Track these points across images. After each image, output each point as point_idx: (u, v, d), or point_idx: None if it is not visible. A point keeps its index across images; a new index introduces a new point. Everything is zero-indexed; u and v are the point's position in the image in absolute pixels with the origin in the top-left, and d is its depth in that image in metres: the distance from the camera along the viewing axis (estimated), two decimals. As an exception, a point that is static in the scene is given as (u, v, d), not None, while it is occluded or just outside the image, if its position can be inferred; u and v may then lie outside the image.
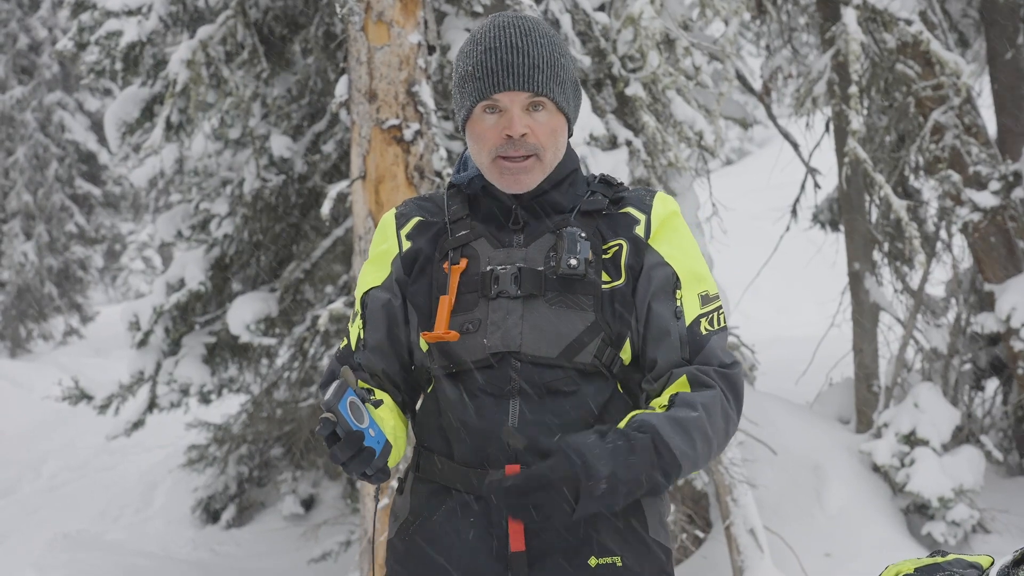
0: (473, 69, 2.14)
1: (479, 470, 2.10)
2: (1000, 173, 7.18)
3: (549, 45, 2.15)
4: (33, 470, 10.70)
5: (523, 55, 2.12)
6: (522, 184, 2.16)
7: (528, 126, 2.12)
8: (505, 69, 2.11)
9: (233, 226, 7.52)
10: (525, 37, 2.13)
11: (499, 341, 2.09)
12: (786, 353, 10.04)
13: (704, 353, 2.12)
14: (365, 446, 1.95)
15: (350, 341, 2.28)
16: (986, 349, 7.94)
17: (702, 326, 2.14)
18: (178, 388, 7.40)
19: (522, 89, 2.11)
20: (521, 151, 2.13)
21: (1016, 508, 7.29)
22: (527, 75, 2.11)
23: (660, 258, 2.16)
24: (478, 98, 2.14)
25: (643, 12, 5.55)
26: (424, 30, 5.10)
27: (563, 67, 2.16)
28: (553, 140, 2.16)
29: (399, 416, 2.20)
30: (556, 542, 2.07)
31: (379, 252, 2.29)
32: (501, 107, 2.13)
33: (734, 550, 5.88)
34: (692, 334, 2.13)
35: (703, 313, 2.15)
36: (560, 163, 2.21)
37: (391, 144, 5.01)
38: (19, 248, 18.96)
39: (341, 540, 7.60)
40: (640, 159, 5.77)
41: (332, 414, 1.91)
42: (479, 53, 2.14)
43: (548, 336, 2.09)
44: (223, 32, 6.36)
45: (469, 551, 2.10)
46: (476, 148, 2.18)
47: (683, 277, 2.15)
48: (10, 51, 19.12)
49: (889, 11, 6.47)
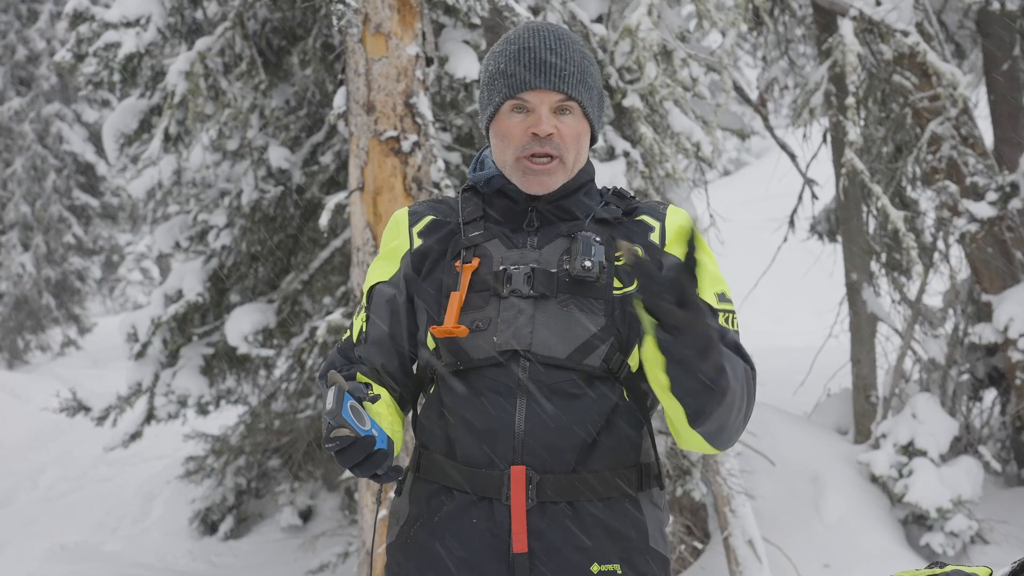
0: (505, 66, 2.16)
1: (483, 470, 2.10)
2: (997, 184, 7.19)
3: (579, 53, 2.18)
4: (31, 481, 10.69)
5: (556, 56, 2.14)
6: (544, 185, 2.17)
7: (555, 127, 2.14)
8: (538, 67, 2.13)
9: (231, 237, 7.52)
10: (559, 41, 2.16)
11: (509, 339, 2.09)
12: (784, 364, 10.05)
13: (725, 342, 2.08)
14: (376, 449, 1.96)
15: (352, 333, 2.29)
16: (984, 359, 7.94)
17: (720, 319, 2.12)
18: (176, 399, 7.40)
19: (553, 89, 2.13)
20: (547, 149, 2.14)
21: (1014, 519, 7.28)
22: (559, 76, 2.13)
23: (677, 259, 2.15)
24: (508, 95, 2.15)
25: (640, 24, 5.57)
26: (422, 42, 5.11)
27: (592, 75, 2.19)
28: (576, 144, 2.17)
29: (395, 412, 2.20)
30: (559, 545, 2.07)
31: (390, 248, 2.29)
32: (529, 107, 2.15)
33: (732, 561, 5.87)
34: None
35: (720, 309, 2.13)
36: (579, 172, 2.22)
37: (389, 155, 5.02)
38: (17, 259, 18.96)
39: (339, 551, 7.58)
40: (638, 170, 5.78)
41: (345, 428, 1.91)
42: (513, 52, 2.17)
43: (558, 337, 2.09)
44: (221, 44, 6.37)
45: (471, 552, 2.10)
46: (500, 147, 2.19)
47: (700, 275, 2.14)
48: (8, 62, 19.14)
49: (886, 22, 6.49)
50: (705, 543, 6.83)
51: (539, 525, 2.08)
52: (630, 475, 2.13)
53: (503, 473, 2.08)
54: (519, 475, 2.07)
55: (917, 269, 6.35)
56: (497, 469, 2.09)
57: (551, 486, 2.08)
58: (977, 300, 7.78)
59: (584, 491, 2.09)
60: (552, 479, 2.08)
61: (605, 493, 2.10)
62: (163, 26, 6.50)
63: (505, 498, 2.08)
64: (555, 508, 2.08)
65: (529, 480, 2.07)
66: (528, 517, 2.07)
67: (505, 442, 2.08)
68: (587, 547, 2.08)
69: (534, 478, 2.07)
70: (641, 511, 2.13)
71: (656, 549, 2.15)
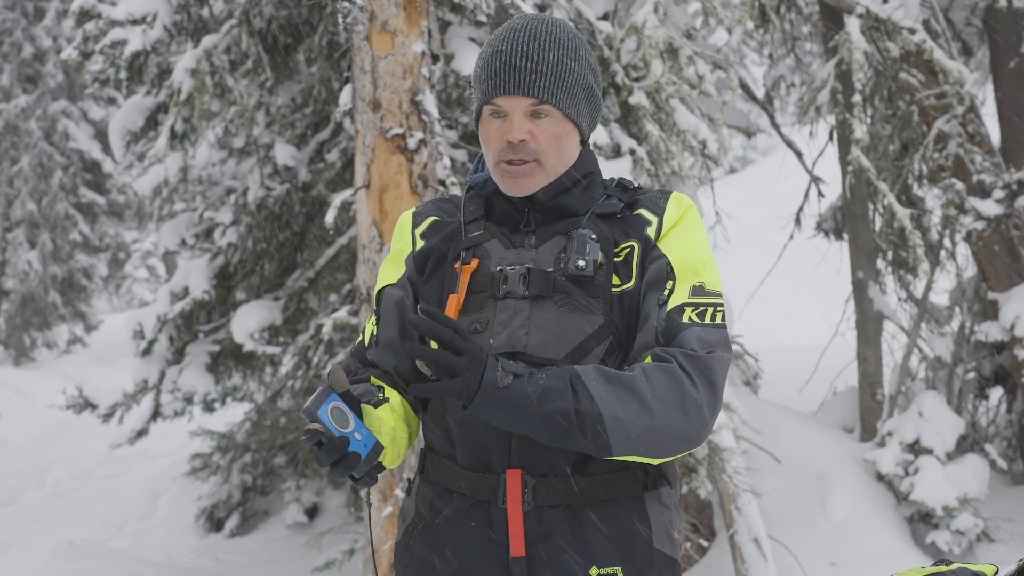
0: (481, 71, 2.16)
1: (480, 473, 2.10)
2: (1004, 182, 7.17)
3: (559, 51, 2.12)
4: (37, 478, 10.70)
5: (527, 59, 2.10)
6: (521, 187, 2.15)
7: (529, 132, 2.12)
8: (507, 73, 2.11)
9: (237, 235, 7.53)
10: (533, 41, 2.11)
11: (505, 341, 2.07)
12: (790, 362, 10.04)
13: (678, 340, 2.04)
14: (349, 451, 1.93)
15: (365, 337, 2.29)
16: (990, 358, 7.93)
17: (685, 315, 2.06)
18: (182, 397, 7.41)
19: (523, 94, 2.10)
20: (520, 155, 2.12)
21: (1020, 517, 7.27)
22: (528, 80, 2.10)
23: (659, 251, 2.13)
24: (483, 100, 2.15)
25: (647, 21, 5.56)
26: (428, 39, 5.11)
27: (572, 72, 2.13)
28: (556, 146, 2.14)
29: (404, 416, 2.18)
30: (557, 549, 2.06)
31: (396, 250, 2.30)
32: (503, 112, 2.13)
33: (738, 559, 5.87)
34: (669, 320, 2.05)
35: (690, 303, 2.07)
36: (574, 166, 2.19)
37: (395, 153, 5.02)
38: (23, 257, 18.99)
39: (345, 549, 7.59)
40: (644, 168, 5.77)
41: (316, 424, 1.91)
42: (487, 56, 2.15)
43: (554, 338, 2.07)
44: (227, 41, 6.38)
45: (470, 555, 2.10)
46: (484, 150, 2.20)
47: (677, 268, 2.11)
48: (15, 60, 19.17)
49: (892, 20, 6.47)
50: (711, 541, 6.82)
51: (536, 529, 2.07)
52: (633, 475, 2.11)
53: (499, 477, 2.08)
54: (514, 479, 2.07)
55: (923, 267, 6.33)
56: (493, 473, 2.09)
57: (548, 489, 2.07)
58: (983, 298, 7.77)
59: (583, 494, 2.07)
60: (549, 483, 2.07)
61: (606, 495, 2.09)
62: (169, 24, 6.50)
63: (501, 502, 2.08)
64: (553, 511, 2.07)
65: (525, 484, 2.07)
66: (525, 521, 2.07)
67: (501, 445, 2.08)
68: (586, 550, 2.07)
69: (530, 482, 2.07)
70: (646, 512, 2.12)
71: (661, 551, 2.12)
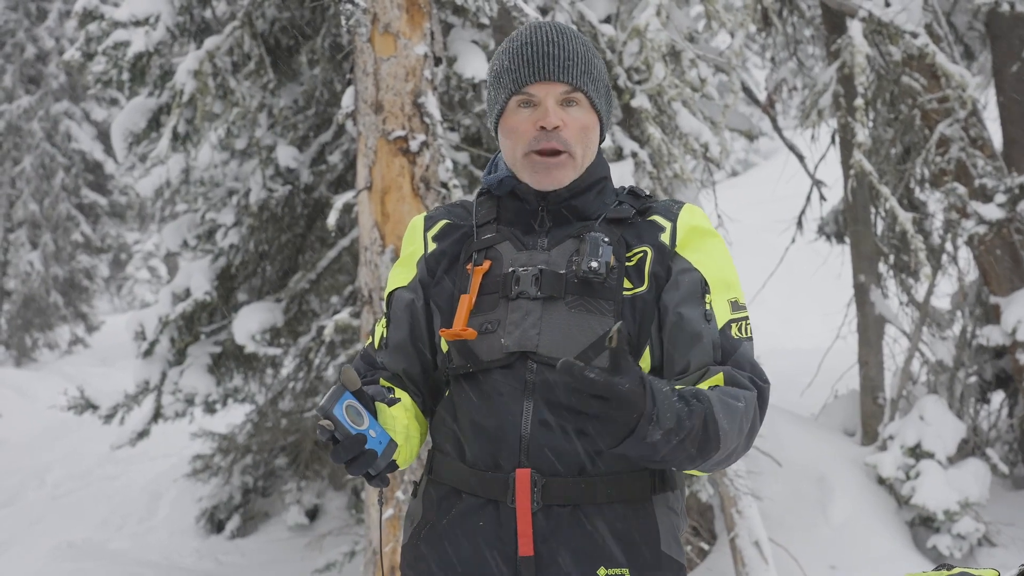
0: (509, 63, 2.17)
1: (489, 473, 2.10)
2: (1006, 186, 7.17)
3: (583, 46, 2.18)
4: (37, 479, 10.71)
5: (559, 48, 2.14)
6: (554, 179, 2.16)
7: (562, 119, 2.13)
8: (541, 60, 2.13)
9: (239, 236, 7.53)
10: (561, 35, 2.16)
11: (516, 341, 2.09)
12: (791, 365, 10.03)
13: (736, 357, 2.09)
14: (366, 448, 1.94)
15: (374, 340, 2.30)
16: (992, 362, 7.93)
17: (732, 330, 2.11)
18: (183, 398, 7.41)
19: (557, 80, 2.13)
20: (552, 143, 2.13)
21: (1021, 521, 7.27)
22: (562, 67, 2.13)
23: (688, 264, 2.14)
24: (514, 90, 2.15)
25: (649, 24, 5.56)
26: (430, 42, 5.11)
27: (597, 68, 2.19)
28: (585, 137, 2.16)
29: (415, 416, 2.20)
30: (565, 548, 2.06)
31: (407, 254, 2.31)
32: (535, 100, 2.14)
33: (739, 562, 5.87)
34: (725, 337, 2.10)
35: (733, 319, 2.12)
36: (589, 168, 2.20)
37: (397, 155, 5.02)
38: (25, 257, 19.01)
39: (346, 551, 7.59)
40: (645, 171, 5.77)
41: (329, 420, 1.92)
42: (516, 48, 2.17)
43: (565, 339, 2.07)
44: (230, 43, 6.38)
45: (478, 555, 2.10)
46: (509, 144, 2.19)
47: (712, 282, 2.13)
48: (17, 61, 19.19)
49: (895, 24, 6.48)
50: (711, 544, 6.82)
51: (545, 528, 2.07)
52: (642, 478, 2.11)
53: (508, 476, 2.08)
54: (524, 478, 2.07)
55: (925, 271, 6.33)
56: (503, 472, 2.09)
57: (557, 489, 2.07)
58: (985, 302, 7.76)
59: (592, 494, 2.08)
60: (558, 482, 2.07)
61: (615, 497, 2.09)
62: (172, 25, 6.51)
63: (511, 501, 2.08)
64: (562, 511, 2.07)
65: (534, 483, 2.07)
66: (534, 520, 2.07)
67: (511, 445, 2.08)
68: (594, 550, 2.07)
69: (539, 481, 2.07)
70: (654, 515, 2.12)
71: (669, 555, 2.12)
